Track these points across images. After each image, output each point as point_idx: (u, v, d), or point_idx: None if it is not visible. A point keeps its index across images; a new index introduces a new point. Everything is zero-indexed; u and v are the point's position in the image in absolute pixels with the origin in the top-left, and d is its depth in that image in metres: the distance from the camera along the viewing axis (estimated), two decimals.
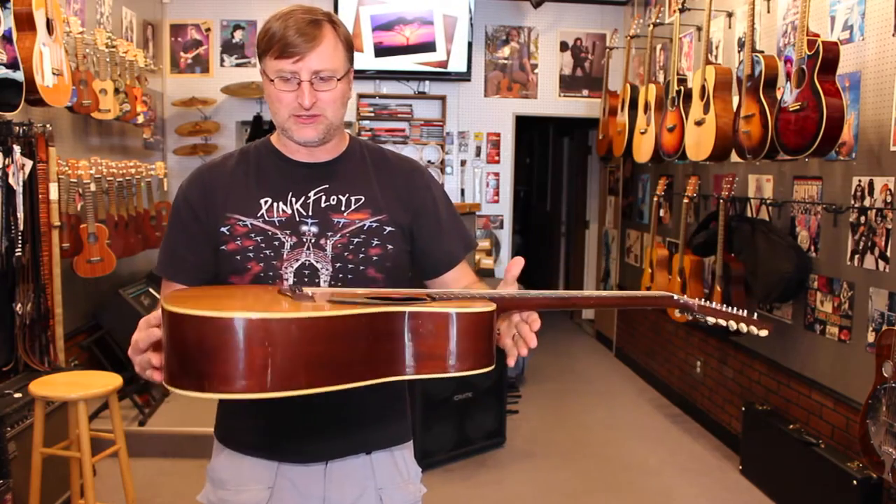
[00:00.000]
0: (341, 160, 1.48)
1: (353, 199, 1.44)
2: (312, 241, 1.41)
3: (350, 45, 1.42)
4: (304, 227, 1.41)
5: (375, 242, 1.43)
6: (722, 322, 1.28)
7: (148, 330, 1.15)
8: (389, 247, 1.44)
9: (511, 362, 1.22)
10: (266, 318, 0.99)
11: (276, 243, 1.40)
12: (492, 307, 1.14)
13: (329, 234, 1.41)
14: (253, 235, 1.40)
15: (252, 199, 1.42)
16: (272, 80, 1.35)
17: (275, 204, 1.42)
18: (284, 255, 1.39)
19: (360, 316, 1.07)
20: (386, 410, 1.50)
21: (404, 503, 1.51)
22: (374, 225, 1.44)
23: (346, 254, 1.41)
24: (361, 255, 1.42)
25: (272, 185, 1.43)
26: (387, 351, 1.11)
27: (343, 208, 1.43)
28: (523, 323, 1.22)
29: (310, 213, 1.42)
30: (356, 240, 1.42)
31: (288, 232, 1.40)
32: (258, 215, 1.41)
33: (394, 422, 1.52)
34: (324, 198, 1.44)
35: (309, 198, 1.43)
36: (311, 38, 1.32)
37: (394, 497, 1.49)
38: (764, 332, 1.26)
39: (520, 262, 1.28)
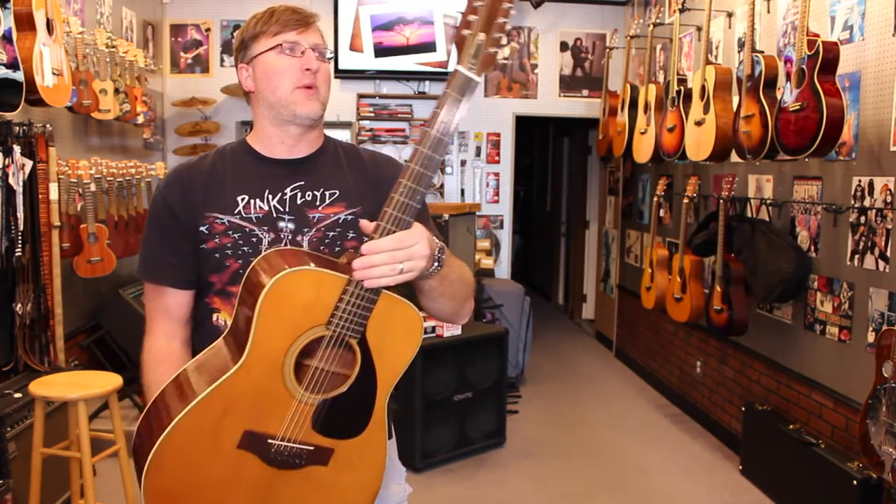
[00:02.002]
0: (316, 157, 1.50)
1: (327, 193, 1.46)
2: (289, 237, 1.42)
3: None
4: (282, 224, 1.43)
5: (351, 235, 1.45)
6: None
7: None
8: (365, 238, 1.45)
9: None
10: None
11: (254, 240, 1.41)
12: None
13: (305, 229, 1.43)
14: (231, 233, 1.41)
15: (229, 197, 1.43)
16: (274, 51, 1.39)
17: (252, 201, 1.43)
18: (262, 252, 1.40)
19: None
20: None
21: (388, 503, 1.50)
22: (350, 218, 1.45)
23: (321, 248, 1.43)
24: (337, 249, 1.44)
25: (249, 182, 1.45)
26: None
27: (318, 203, 1.45)
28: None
29: (286, 210, 1.43)
30: (331, 233, 1.44)
31: (266, 228, 1.42)
32: (235, 212, 1.42)
33: None
34: (299, 194, 1.45)
35: (285, 194, 1.44)
36: (307, 17, 1.42)
37: (378, 496, 1.48)
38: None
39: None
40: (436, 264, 1.27)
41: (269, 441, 1.23)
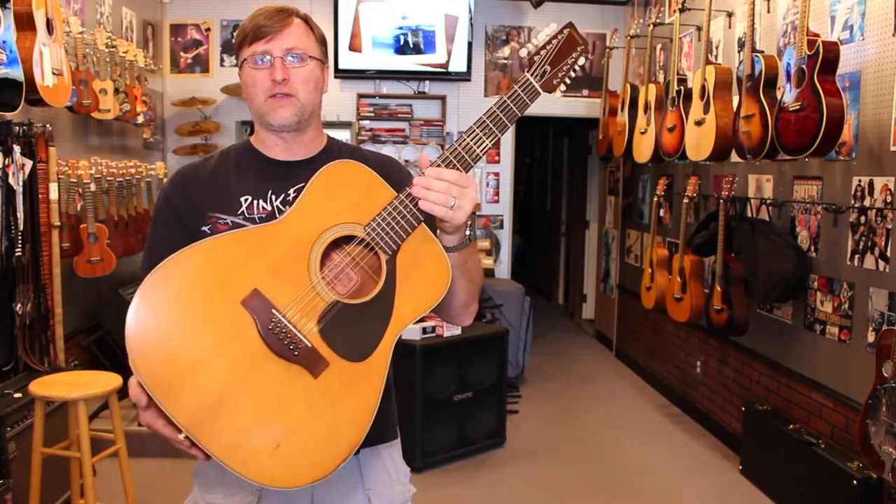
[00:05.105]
0: (320, 158, 1.49)
1: None
2: None
3: (323, 41, 1.47)
4: None
5: None
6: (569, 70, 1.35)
7: (165, 429, 1.28)
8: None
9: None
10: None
11: None
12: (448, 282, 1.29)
13: None
14: None
15: (232, 198, 1.43)
16: (246, 64, 1.40)
17: (255, 201, 1.43)
18: None
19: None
20: None
21: (393, 503, 1.50)
22: None
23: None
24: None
25: (252, 183, 1.45)
26: None
27: None
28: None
29: None
30: None
31: None
32: (238, 213, 1.42)
33: (379, 419, 1.52)
34: None
35: (289, 195, 1.44)
36: (281, 20, 1.39)
37: (382, 497, 1.48)
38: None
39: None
40: (468, 232, 1.35)
41: (273, 311, 1.21)
